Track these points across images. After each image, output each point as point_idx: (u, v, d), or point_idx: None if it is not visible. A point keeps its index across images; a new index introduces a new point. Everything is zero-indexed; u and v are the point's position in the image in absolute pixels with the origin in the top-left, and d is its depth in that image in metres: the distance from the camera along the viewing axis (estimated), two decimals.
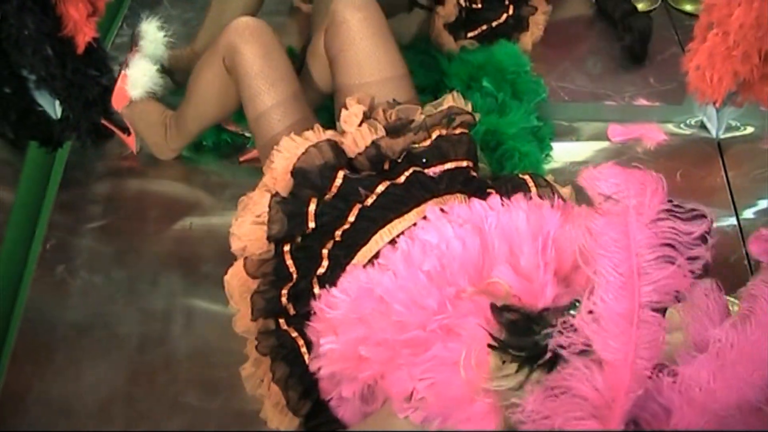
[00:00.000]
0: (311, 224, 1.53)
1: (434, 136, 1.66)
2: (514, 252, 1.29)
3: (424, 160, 1.61)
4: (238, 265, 1.58)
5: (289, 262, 1.54)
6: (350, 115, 1.68)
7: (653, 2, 2.67)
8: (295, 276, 1.54)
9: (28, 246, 1.97)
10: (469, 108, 1.73)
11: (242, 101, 1.78)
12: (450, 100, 1.71)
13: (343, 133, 1.67)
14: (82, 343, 1.74)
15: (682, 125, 2.23)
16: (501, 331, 1.18)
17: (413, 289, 1.27)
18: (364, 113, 1.68)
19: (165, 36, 2.10)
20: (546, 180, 1.70)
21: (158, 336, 1.75)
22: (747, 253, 1.90)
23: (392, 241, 1.45)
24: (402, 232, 1.46)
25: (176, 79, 2.26)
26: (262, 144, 1.75)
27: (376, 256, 1.45)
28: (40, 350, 1.73)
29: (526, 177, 1.69)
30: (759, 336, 1.07)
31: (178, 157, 2.12)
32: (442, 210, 1.42)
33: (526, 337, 1.15)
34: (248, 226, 1.57)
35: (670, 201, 1.20)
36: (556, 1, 2.57)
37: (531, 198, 1.43)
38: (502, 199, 1.41)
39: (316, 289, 1.50)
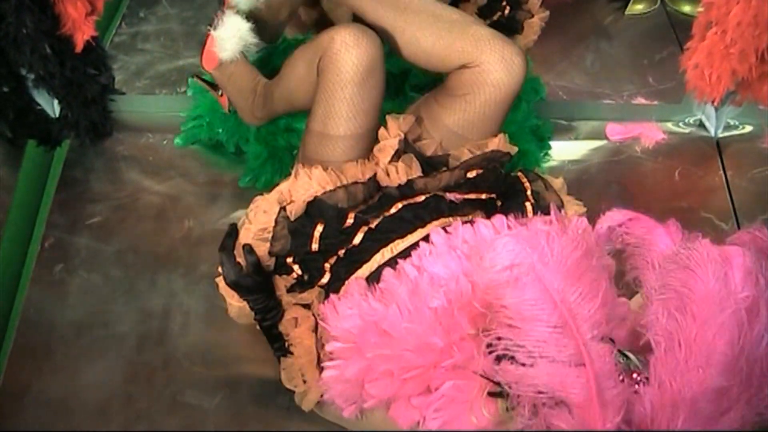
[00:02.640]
0: (314, 246, 1.52)
1: (470, 176, 1.63)
2: None
3: (453, 188, 1.60)
4: None
5: (295, 266, 1.55)
6: (386, 146, 1.63)
7: (652, 3, 2.67)
8: (304, 278, 1.54)
9: (27, 245, 1.96)
10: (513, 151, 1.70)
11: (313, 108, 1.64)
12: (495, 143, 1.68)
13: (376, 162, 1.64)
14: (80, 342, 1.74)
15: (680, 124, 2.23)
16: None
17: (419, 327, 1.26)
18: (400, 142, 1.63)
19: None
20: (537, 174, 1.71)
21: (157, 335, 1.75)
22: None
23: (392, 261, 1.45)
24: (404, 251, 1.46)
25: (269, 33, 2.04)
26: (307, 156, 1.67)
27: (375, 272, 1.45)
28: (39, 349, 1.73)
29: (519, 173, 1.70)
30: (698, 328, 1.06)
31: (177, 157, 2.12)
32: (446, 231, 1.41)
33: None
34: (251, 240, 1.55)
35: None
36: None
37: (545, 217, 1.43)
38: (507, 220, 1.37)
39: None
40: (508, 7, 2.37)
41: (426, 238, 1.44)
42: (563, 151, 2.16)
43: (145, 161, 2.12)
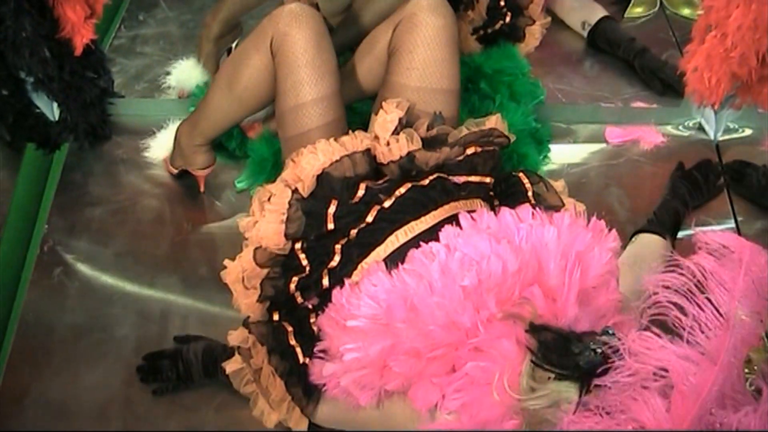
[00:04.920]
0: (330, 225, 1.52)
1: (468, 152, 1.64)
2: (542, 268, 1.31)
3: (455, 170, 1.60)
4: (245, 255, 1.57)
5: (302, 255, 1.53)
6: (386, 121, 1.64)
7: (651, 6, 2.67)
8: (307, 269, 1.53)
9: (26, 248, 1.96)
10: (511, 138, 1.72)
11: (279, 88, 1.69)
12: (493, 122, 1.69)
13: (376, 137, 1.63)
14: (79, 346, 1.74)
15: (679, 127, 2.23)
16: (537, 350, 1.20)
17: (449, 304, 1.27)
18: (400, 120, 1.64)
19: None
20: (539, 176, 1.71)
21: (155, 338, 1.74)
22: None
23: (409, 244, 1.45)
24: (421, 234, 1.46)
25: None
26: (289, 136, 1.69)
27: (391, 255, 1.45)
28: (38, 352, 1.72)
29: (520, 174, 1.70)
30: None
31: None
32: (472, 217, 1.43)
33: (565, 357, 1.17)
34: (266, 224, 1.54)
35: None
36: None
37: (566, 211, 1.46)
38: (533, 212, 1.41)
39: (325, 281, 1.50)
40: (509, 14, 2.37)
41: (445, 221, 1.46)
42: (562, 154, 2.16)
43: (143, 164, 2.12)
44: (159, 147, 2.10)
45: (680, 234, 1.87)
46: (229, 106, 1.83)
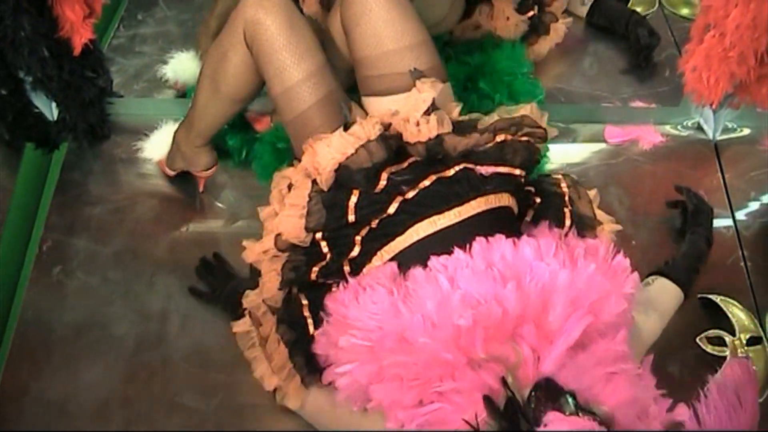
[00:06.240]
0: (351, 217, 1.50)
1: (498, 140, 1.60)
2: (546, 310, 1.29)
3: (483, 158, 1.57)
4: (267, 240, 1.56)
5: (323, 244, 1.53)
6: (420, 100, 1.60)
7: (650, 6, 2.67)
8: (329, 257, 1.53)
9: (25, 247, 1.96)
10: (543, 123, 1.67)
11: (265, 77, 1.67)
12: (526, 110, 1.66)
13: (405, 118, 1.59)
14: (78, 344, 1.74)
15: (678, 127, 2.24)
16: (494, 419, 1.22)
17: (438, 343, 1.26)
18: (434, 100, 1.61)
19: None
20: (573, 179, 1.70)
21: (155, 337, 1.75)
22: (743, 254, 1.90)
23: (429, 239, 1.45)
24: (444, 229, 1.45)
25: None
26: (290, 119, 1.67)
27: (410, 248, 1.45)
28: (37, 351, 1.73)
29: (559, 176, 1.69)
30: None
31: None
32: (487, 240, 1.40)
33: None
34: (286, 218, 1.53)
35: None
36: None
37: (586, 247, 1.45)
38: (557, 249, 1.38)
39: (347, 268, 1.51)
40: (535, 8, 2.37)
41: (467, 223, 1.45)
42: (562, 154, 2.17)
43: (142, 164, 2.12)
44: (152, 149, 2.10)
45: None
46: (219, 105, 1.82)
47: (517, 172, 1.59)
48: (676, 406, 1.22)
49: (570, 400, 1.19)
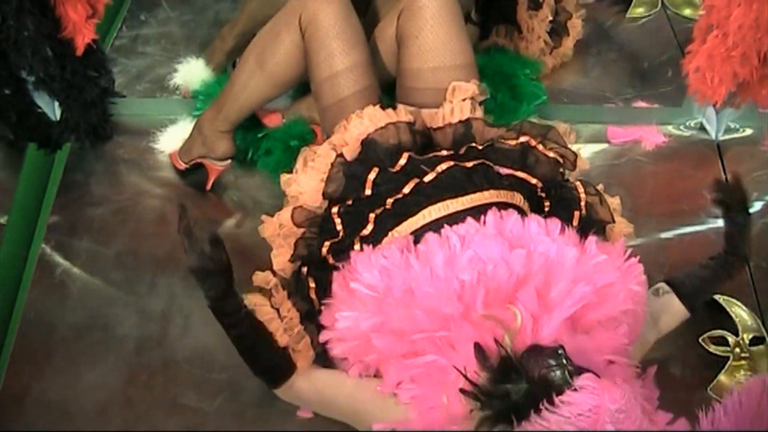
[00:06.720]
0: (368, 191, 1.54)
1: (522, 140, 1.65)
2: (548, 283, 1.32)
3: (505, 158, 1.61)
4: (284, 213, 1.61)
5: (337, 220, 1.55)
6: (461, 89, 1.70)
7: (653, 6, 2.67)
8: (341, 234, 1.55)
9: (27, 248, 1.96)
10: (572, 146, 1.71)
11: (312, 62, 1.74)
12: (557, 125, 1.71)
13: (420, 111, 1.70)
14: (80, 345, 1.74)
15: (681, 127, 2.23)
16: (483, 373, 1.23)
17: (441, 294, 1.29)
18: (473, 93, 1.70)
19: None
20: (596, 189, 1.71)
21: (157, 338, 1.75)
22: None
23: (441, 221, 1.46)
24: (454, 215, 1.47)
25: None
26: (326, 105, 1.74)
27: (420, 229, 1.47)
28: (39, 352, 1.73)
29: (577, 183, 1.70)
30: None
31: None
32: (500, 215, 1.44)
33: (501, 385, 1.19)
34: (307, 180, 1.59)
35: None
36: None
37: (602, 241, 1.48)
38: (562, 227, 1.43)
39: (357, 247, 1.52)
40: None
41: (478, 209, 1.47)
42: None
43: (145, 164, 2.12)
44: (166, 141, 2.11)
45: (680, 231, 1.88)
46: (259, 84, 1.86)
47: (534, 181, 1.62)
48: (676, 420, 1.22)
49: (561, 352, 1.20)
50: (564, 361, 1.18)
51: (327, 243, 1.56)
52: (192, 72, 2.25)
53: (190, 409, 1.63)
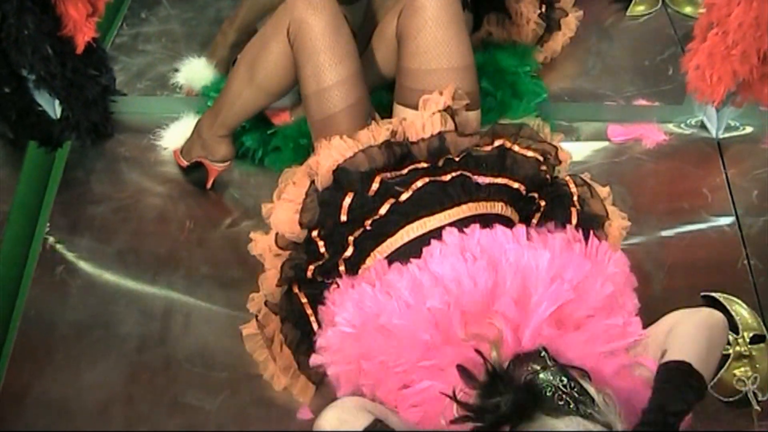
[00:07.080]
0: (343, 217, 1.54)
1: (496, 144, 1.65)
2: (527, 288, 1.32)
3: (483, 165, 1.60)
4: (269, 236, 1.61)
5: (320, 243, 1.56)
6: (432, 102, 1.66)
7: (653, 5, 2.66)
8: (325, 255, 1.55)
9: (28, 246, 1.96)
10: (549, 139, 1.71)
11: (300, 74, 1.71)
12: (529, 121, 1.71)
13: (402, 120, 1.66)
14: (81, 343, 1.74)
15: (681, 125, 2.23)
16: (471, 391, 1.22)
17: (413, 325, 1.30)
18: (445, 104, 1.66)
19: None
20: (584, 180, 1.71)
21: (158, 336, 1.75)
22: (747, 253, 1.90)
23: (421, 239, 1.47)
24: (433, 231, 1.47)
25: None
26: (317, 119, 1.71)
27: (400, 249, 1.48)
28: (40, 350, 1.73)
29: (567, 178, 1.70)
30: None
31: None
32: (462, 231, 1.43)
33: (490, 399, 1.18)
34: (283, 211, 1.59)
35: None
36: None
37: (570, 231, 1.49)
38: (528, 233, 1.43)
39: (342, 268, 1.53)
40: (543, 6, 2.37)
41: (459, 222, 1.47)
42: None
43: (146, 162, 2.12)
44: (170, 138, 2.11)
45: (680, 229, 1.89)
46: (251, 94, 1.85)
47: (516, 185, 1.61)
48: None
49: (544, 353, 1.22)
50: (547, 362, 1.20)
51: (311, 267, 1.57)
52: (194, 71, 2.25)
53: (191, 407, 1.64)
